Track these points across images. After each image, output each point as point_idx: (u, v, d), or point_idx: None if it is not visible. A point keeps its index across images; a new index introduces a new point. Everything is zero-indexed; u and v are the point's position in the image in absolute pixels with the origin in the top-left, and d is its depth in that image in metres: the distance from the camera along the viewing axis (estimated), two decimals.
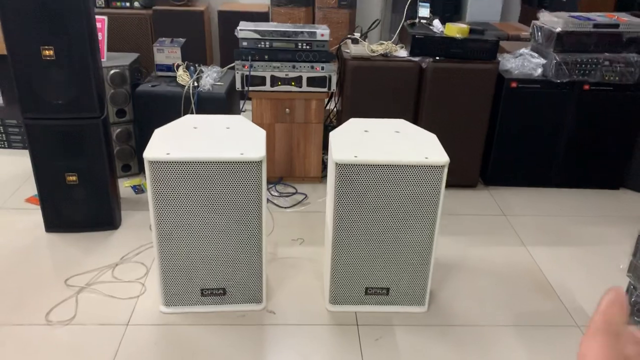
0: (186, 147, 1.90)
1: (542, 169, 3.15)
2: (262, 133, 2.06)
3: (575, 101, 2.97)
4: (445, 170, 1.91)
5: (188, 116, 2.18)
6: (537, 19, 3.10)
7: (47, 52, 2.21)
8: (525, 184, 3.19)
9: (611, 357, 0.34)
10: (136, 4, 4.05)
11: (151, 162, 1.83)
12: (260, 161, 1.88)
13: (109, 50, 3.07)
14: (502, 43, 3.44)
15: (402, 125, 2.19)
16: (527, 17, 4.50)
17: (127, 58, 2.98)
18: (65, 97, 2.31)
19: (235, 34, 2.80)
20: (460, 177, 3.09)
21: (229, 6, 4.19)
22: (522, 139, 3.06)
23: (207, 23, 4.15)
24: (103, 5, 4.03)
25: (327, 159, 3.24)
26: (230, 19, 4.03)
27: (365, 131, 2.11)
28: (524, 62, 2.96)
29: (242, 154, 1.87)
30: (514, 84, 2.94)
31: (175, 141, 1.94)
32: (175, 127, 2.07)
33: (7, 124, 3.33)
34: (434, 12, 3.65)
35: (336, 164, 1.89)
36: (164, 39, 3.11)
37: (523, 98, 2.96)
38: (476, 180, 3.16)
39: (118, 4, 4.05)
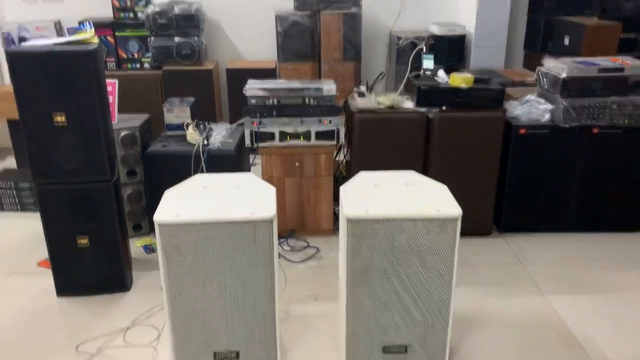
0: (196, 208, 1.89)
1: (557, 213, 3.11)
2: (271, 190, 2.05)
3: (585, 145, 2.95)
4: (459, 223, 1.88)
5: (198, 176, 2.19)
6: (541, 65, 3.13)
7: (58, 118, 2.25)
8: (541, 230, 3.14)
9: None
10: (146, 65, 4.15)
11: (161, 225, 1.82)
12: (271, 220, 1.87)
13: (119, 111, 3.13)
14: (508, 89, 3.46)
15: (412, 176, 2.18)
16: (530, 62, 4.55)
17: (137, 119, 3.03)
18: (77, 162, 2.34)
19: (244, 92, 2.84)
20: (474, 225, 3.04)
21: (237, 64, 4.29)
22: (534, 185, 3.03)
23: (216, 80, 4.24)
24: (114, 68, 4.13)
25: (338, 211, 3.23)
26: (238, 76, 4.10)
27: (375, 185, 2.10)
28: (531, 109, 2.97)
29: (252, 213, 1.86)
30: (522, 131, 2.93)
31: (185, 202, 1.94)
32: (185, 187, 2.08)
33: (20, 187, 3.37)
34: (438, 62, 3.70)
35: (347, 219, 1.87)
36: (173, 98, 3.16)
37: (532, 144, 2.95)
38: (490, 227, 3.12)
39: (129, 65, 4.16)
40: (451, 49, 4.31)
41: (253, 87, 2.85)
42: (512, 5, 4.28)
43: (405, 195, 2.00)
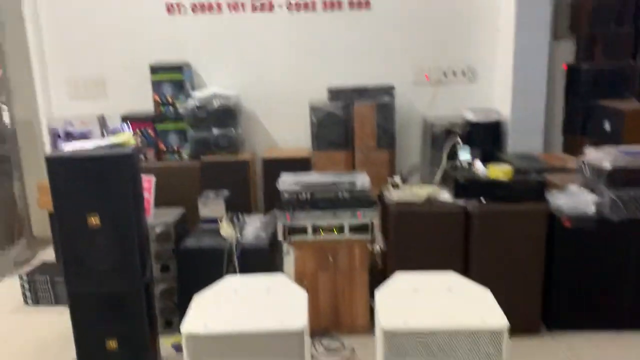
0: (224, 317, 1.82)
1: (610, 309, 2.89)
2: (303, 296, 1.97)
3: (637, 238, 2.78)
4: (506, 335, 1.74)
5: (228, 278, 2.13)
6: (582, 151, 3.04)
7: (93, 220, 2.26)
8: (594, 327, 2.91)
9: None
10: (185, 156, 4.24)
11: (189, 336, 1.75)
12: (302, 332, 1.77)
13: (157, 204, 3.16)
14: (549, 176, 3.35)
15: (452, 279, 2.06)
16: (570, 146, 4.45)
17: (172, 214, 3.04)
18: (108, 263, 2.32)
19: (277, 186, 2.83)
20: (521, 322, 2.83)
21: (273, 152, 4.33)
22: (584, 279, 2.85)
23: (252, 170, 4.28)
24: (154, 160, 4.23)
25: (374, 305, 3.09)
26: (273, 165, 4.13)
27: (414, 290, 1.99)
28: (575, 200, 2.84)
29: (282, 322, 1.77)
30: (567, 223, 2.79)
31: (214, 309, 1.87)
32: (215, 291, 2.01)
33: (56, 281, 3.37)
34: (474, 148, 3.65)
35: (384, 332, 1.76)
36: (209, 192, 3.18)
37: (579, 236, 2.80)
38: (538, 325, 2.91)
39: (168, 157, 4.25)
40: (487, 135, 4.26)
41: (286, 181, 2.84)
42: (547, 89, 4.26)
43: (446, 303, 1.89)
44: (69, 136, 4.32)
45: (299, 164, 4.18)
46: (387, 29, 4.35)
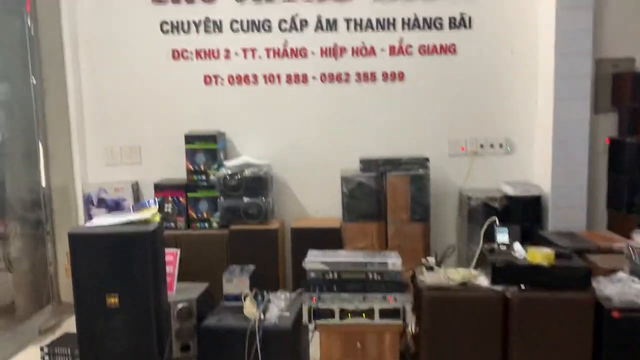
0: None
1: None
2: None
3: None
4: None
5: None
6: (629, 232, 2.84)
7: (111, 300, 2.19)
8: None
9: None
10: (214, 224, 4.20)
11: None
12: None
13: (184, 272, 3.08)
14: (594, 257, 3.15)
15: None
16: (615, 223, 4.22)
17: (196, 289, 2.95)
18: (125, 345, 2.24)
19: (303, 265, 2.72)
20: None
21: (302, 222, 4.25)
22: None
23: (281, 239, 4.19)
24: (183, 227, 4.20)
25: None
26: (302, 235, 4.05)
27: None
28: (624, 288, 2.63)
29: None
30: (616, 314, 2.57)
31: None
32: None
33: (76, 354, 3.28)
34: (513, 223, 3.47)
35: None
36: (234, 267, 3.09)
37: (629, 328, 2.57)
38: None
39: (198, 225, 4.22)
40: (526, 210, 4.08)
41: (313, 260, 2.73)
42: (590, 163, 4.09)
43: None
44: (102, 203, 4.37)
45: (329, 235, 4.08)
46: (421, 100, 4.31)
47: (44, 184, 4.33)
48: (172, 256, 2.93)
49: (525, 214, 4.06)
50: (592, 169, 4.13)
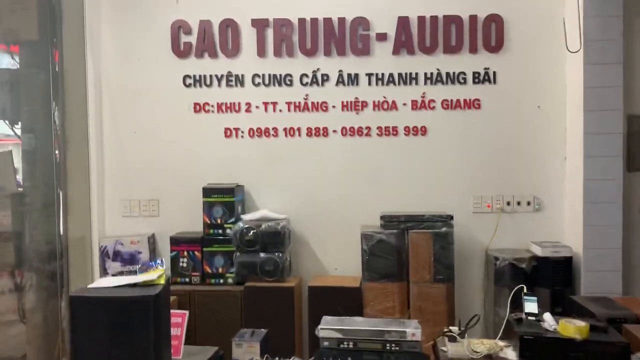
0: None
1: None
2: None
3: None
4: None
5: None
6: None
7: None
8: None
9: None
10: (229, 280, 4.07)
11: None
12: None
13: (194, 335, 2.94)
14: (631, 327, 2.91)
15: None
16: None
17: (204, 354, 2.79)
18: None
19: (316, 333, 2.56)
20: None
21: (321, 280, 4.10)
22: None
23: (297, 299, 4.03)
24: (198, 282, 4.09)
25: None
26: (320, 294, 3.90)
27: None
28: None
29: None
30: None
31: None
32: None
33: None
34: (542, 282, 3.24)
35: None
36: (245, 330, 2.95)
37: None
38: None
39: (212, 280, 4.10)
40: (557, 272, 3.86)
41: (327, 327, 2.57)
42: (624, 223, 3.87)
43: None
44: (118, 256, 4.30)
45: (348, 295, 3.91)
46: (445, 156, 4.20)
47: (61, 233, 4.30)
48: (180, 317, 2.80)
49: (555, 276, 3.84)
50: (626, 229, 3.91)
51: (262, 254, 3.99)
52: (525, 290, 2.64)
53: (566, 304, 3.55)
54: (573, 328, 2.40)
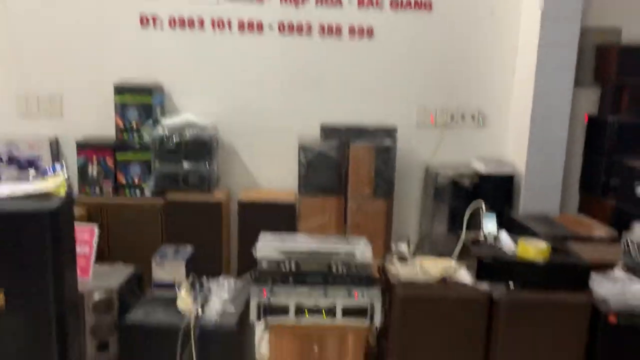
0: None
1: None
2: None
3: None
4: None
5: None
6: (601, 215, 2.52)
7: None
8: None
9: None
10: (147, 192, 3.61)
11: None
12: None
13: (107, 254, 2.54)
14: (575, 247, 2.82)
15: None
16: (587, 207, 3.95)
17: (118, 275, 2.41)
18: (13, 352, 1.68)
19: (254, 253, 2.22)
20: None
21: (252, 194, 3.73)
22: None
23: (226, 215, 3.66)
24: (111, 194, 3.60)
25: None
26: (252, 210, 3.55)
27: None
28: (623, 288, 2.30)
29: None
30: (612, 318, 2.24)
31: None
32: None
33: None
34: (483, 200, 3.08)
35: None
36: (167, 248, 2.56)
37: (627, 335, 2.24)
38: None
39: (127, 192, 3.62)
40: (498, 190, 3.74)
41: (266, 246, 2.23)
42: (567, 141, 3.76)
43: None
44: (13, 161, 3.69)
45: (282, 210, 3.59)
46: (390, 63, 3.82)
47: None
48: (87, 233, 2.36)
49: (496, 194, 3.71)
50: (568, 147, 3.80)
51: (185, 164, 3.54)
52: (484, 208, 2.42)
53: (506, 223, 3.44)
54: (533, 249, 2.22)
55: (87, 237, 2.35)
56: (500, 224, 3.19)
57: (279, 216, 3.52)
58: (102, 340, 2.30)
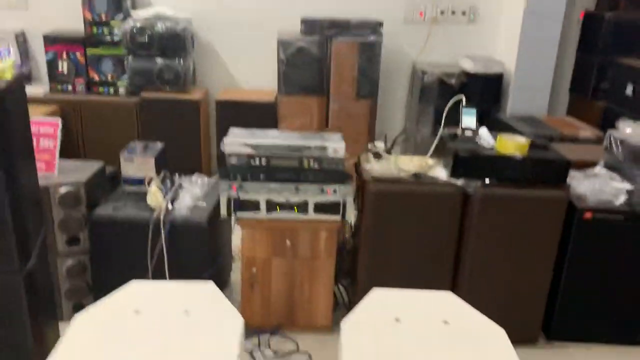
0: None
1: (626, 322, 2.37)
2: (237, 324, 1.34)
3: None
4: None
5: (133, 285, 1.48)
6: (590, 118, 2.43)
7: None
8: (603, 340, 2.40)
9: None
10: (121, 90, 3.47)
11: None
12: None
13: (83, 149, 2.45)
14: (558, 147, 2.75)
15: (449, 306, 1.46)
16: (577, 109, 3.85)
17: (86, 170, 2.33)
18: None
19: (221, 148, 2.14)
20: (518, 330, 2.31)
21: (230, 94, 3.59)
22: (599, 283, 2.31)
23: (204, 113, 3.55)
24: (83, 91, 3.46)
25: (341, 295, 2.52)
26: (230, 109, 3.43)
27: (396, 320, 1.39)
28: (601, 186, 2.25)
29: None
30: (588, 215, 2.21)
31: (91, 350, 1.23)
32: (105, 311, 1.37)
33: None
34: (470, 100, 2.98)
35: None
36: (136, 144, 2.48)
37: (601, 232, 2.23)
38: (537, 334, 2.39)
39: (101, 89, 3.48)
40: (486, 90, 3.61)
41: (235, 141, 2.15)
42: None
43: (441, 348, 1.29)
44: None
45: (261, 110, 3.48)
46: None
47: None
48: (52, 127, 2.26)
49: (484, 94, 3.59)
50: (560, 47, 3.63)
51: (159, 60, 3.38)
52: (463, 102, 2.32)
53: (492, 123, 3.36)
54: (512, 144, 2.15)
55: (51, 132, 2.25)
56: (486, 125, 3.11)
57: (259, 116, 3.41)
58: (72, 235, 2.27)
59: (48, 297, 1.95)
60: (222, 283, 2.58)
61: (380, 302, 1.46)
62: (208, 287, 1.48)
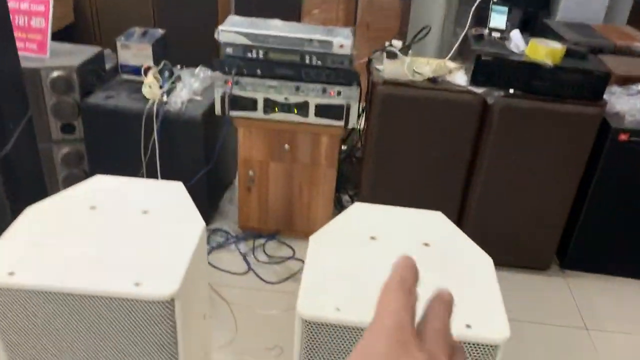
0: (51, 260, 1.11)
1: None
2: (198, 227, 1.23)
3: None
4: (500, 353, 1.03)
5: (96, 180, 1.38)
6: None
7: None
8: (620, 273, 2.23)
9: (402, 307, 0.38)
10: None
11: None
12: (170, 300, 1.07)
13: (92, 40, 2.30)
14: (607, 58, 2.44)
15: (435, 227, 1.31)
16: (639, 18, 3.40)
17: (81, 54, 2.20)
18: None
19: (215, 37, 1.95)
20: (529, 256, 2.17)
21: None
22: (624, 213, 2.10)
23: (223, 2, 3.30)
24: None
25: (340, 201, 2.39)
26: (249, 2, 3.18)
27: (372, 238, 1.25)
28: None
29: (138, 285, 1.06)
30: (623, 137, 1.96)
31: (40, 243, 1.15)
32: (60, 204, 1.28)
33: None
34: (514, 7, 2.65)
35: (302, 320, 1.06)
36: (134, 29, 2.30)
37: (636, 157, 1.99)
38: (549, 261, 2.23)
39: None
40: None
41: (231, 30, 1.95)
42: None
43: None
44: None
45: (284, 1, 3.21)
46: None
47: None
48: (42, 5, 2.10)
49: None
50: None
51: None
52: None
53: (537, 28, 3.01)
54: (545, 50, 1.87)
55: (41, 10, 2.10)
56: (531, 31, 2.78)
57: (280, 7, 3.15)
58: (67, 122, 2.19)
59: (34, 183, 1.91)
60: (223, 184, 2.50)
61: (359, 218, 1.32)
62: (174, 188, 1.37)
